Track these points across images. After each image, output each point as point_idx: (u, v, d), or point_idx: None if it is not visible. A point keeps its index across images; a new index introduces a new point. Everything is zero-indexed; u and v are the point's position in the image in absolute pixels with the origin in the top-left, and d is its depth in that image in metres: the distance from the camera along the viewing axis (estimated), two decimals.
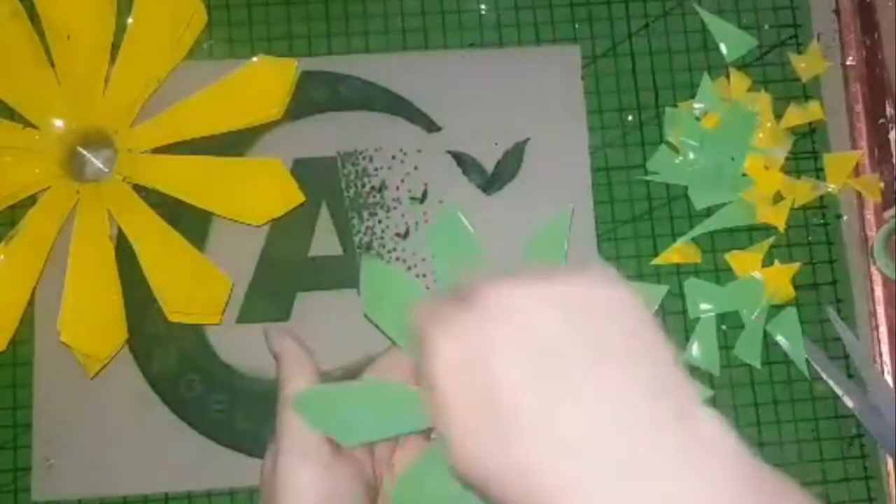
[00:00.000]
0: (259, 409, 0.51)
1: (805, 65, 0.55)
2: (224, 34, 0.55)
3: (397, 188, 0.53)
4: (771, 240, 0.53)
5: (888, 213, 0.54)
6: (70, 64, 0.48)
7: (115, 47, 0.51)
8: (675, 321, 0.52)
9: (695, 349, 0.52)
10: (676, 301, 0.53)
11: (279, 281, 0.52)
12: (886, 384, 0.51)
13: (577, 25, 0.56)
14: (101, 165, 0.47)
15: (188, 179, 0.49)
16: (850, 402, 0.51)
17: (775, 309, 0.52)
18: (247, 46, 0.55)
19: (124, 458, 0.50)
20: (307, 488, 0.34)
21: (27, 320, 0.51)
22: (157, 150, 0.51)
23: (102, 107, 0.49)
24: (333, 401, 0.36)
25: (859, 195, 0.54)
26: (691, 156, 0.54)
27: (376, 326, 0.39)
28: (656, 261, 0.53)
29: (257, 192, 0.49)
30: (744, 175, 0.53)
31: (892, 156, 0.55)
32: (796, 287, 0.52)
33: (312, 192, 0.53)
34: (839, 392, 0.51)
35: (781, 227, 0.53)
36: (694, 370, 0.52)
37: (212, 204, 0.50)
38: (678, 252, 0.53)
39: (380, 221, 0.53)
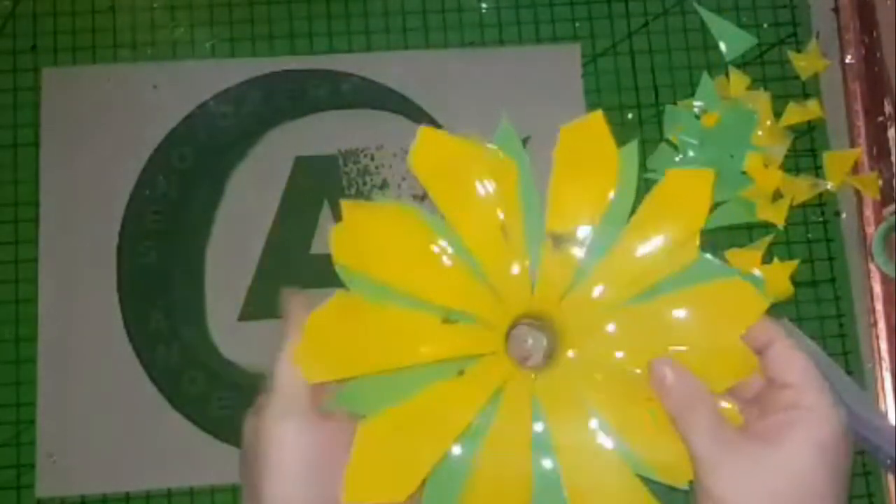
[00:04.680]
0: None
1: (804, 63, 0.55)
2: (226, 32, 0.55)
3: (399, 186, 0.54)
4: (770, 237, 0.53)
5: (887, 211, 0.54)
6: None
7: None
8: None
9: None
10: None
11: (281, 278, 0.52)
12: (856, 386, 0.51)
13: (577, 24, 0.56)
14: (538, 354, 0.38)
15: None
16: None
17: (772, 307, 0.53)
18: (248, 45, 0.55)
19: (127, 454, 0.51)
20: (293, 444, 0.33)
21: (31, 318, 0.52)
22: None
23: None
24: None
25: (858, 193, 0.55)
26: (691, 154, 0.54)
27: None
28: None
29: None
30: (743, 173, 0.53)
31: (890, 153, 0.55)
32: (795, 284, 0.53)
33: (314, 190, 0.53)
34: None
35: (781, 225, 0.53)
36: None
37: None
38: None
39: None
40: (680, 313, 0.37)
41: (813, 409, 0.33)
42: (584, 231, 0.37)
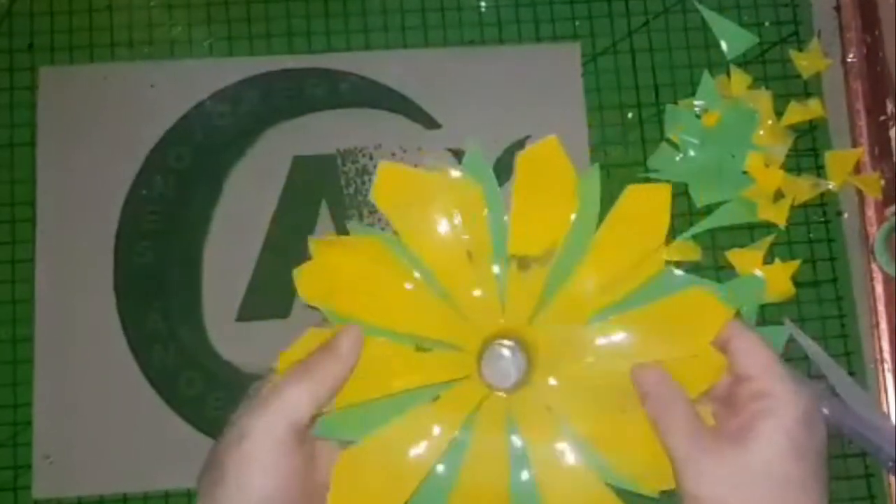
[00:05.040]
0: None
1: (806, 62, 0.55)
2: (223, 31, 0.55)
3: None
4: (771, 237, 0.53)
5: (889, 211, 0.54)
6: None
7: None
8: None
9: None
10: None
11: (279, 279, 0.52)
12: (857, 387, 0.51)
13: (577, 23, 0.55)
14: (512, 375, 0.37)
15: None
16: (824, 410, 0.51)
17: (774, 307, 0.52)
18: (246, 44, 0.55)
19: (124, 455, 0.50)
20: (277, 459, 0.34)
21: (27, 318, 0.51)
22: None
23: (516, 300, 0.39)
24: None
25: (860, 192, 0.54)
26: (692, 153, 0.54)
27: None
28: None
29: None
30: (744, 172, 0.53)
31: (892, 153, 0.54)
32: (797, 284, 0.52)
33: (312, 190, 0.53)
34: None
35: (782, 225, 0.53)
36: None
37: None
38: (678, 249, 0.53)
39: (380, 219, 0.53)
40: (648, 326, 0.38)
41: (775, 396, 0.34)
42: (547, 252, 0.38)
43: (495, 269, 0.38)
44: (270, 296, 0.52)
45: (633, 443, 0.36)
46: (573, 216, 0.38)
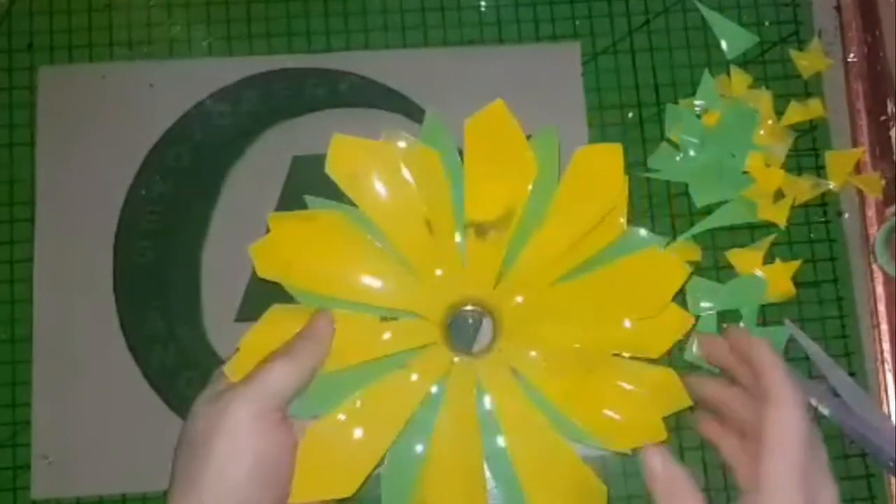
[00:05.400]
0: None
1: (806, 62, 0.55)
2: (223, 31, 0.55)
3: None
4: (772, 237, 0.53)
5: (889, 211, 0.54)
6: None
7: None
8: None
9: (695, 348, 0.51)
10: (677, 299, 0.52)
11: None
12: (857, 387, 0.51)
13: (577, 22, 0.55)
14: (478, 341, 0.38)
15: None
16: (825, 411, 0.50)
17: (774, 308, 0.52)
18: (245, 43, 0.55)
19: (123, 455, 0.50)
20: (256, 440, 0.35)
21: (26, 318, 0.51)
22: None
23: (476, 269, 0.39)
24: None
25: (860, 192, 0.54)
26: (692, 153, 0.54)
27: None
28: None
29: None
30: (745, 172, 0.53)
31: (893, 153, 0.54)
32: (797, 285, 0.52)
33: (311, 190, 0.53)
34: (814, 402, 0.51)
35: (782, 225, 0.53)
36: (695, 369, 0.52)
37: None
38: (679, 249, 0.53)
39: None
40: (609, 287, 0.38)
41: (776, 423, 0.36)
42: (504, 218, 0.38)
43: (457, 236, 0.38)
44: (270, 296, 0.52)
45: (603, 402, 0.36)
46: (531, 182, 0.38)
